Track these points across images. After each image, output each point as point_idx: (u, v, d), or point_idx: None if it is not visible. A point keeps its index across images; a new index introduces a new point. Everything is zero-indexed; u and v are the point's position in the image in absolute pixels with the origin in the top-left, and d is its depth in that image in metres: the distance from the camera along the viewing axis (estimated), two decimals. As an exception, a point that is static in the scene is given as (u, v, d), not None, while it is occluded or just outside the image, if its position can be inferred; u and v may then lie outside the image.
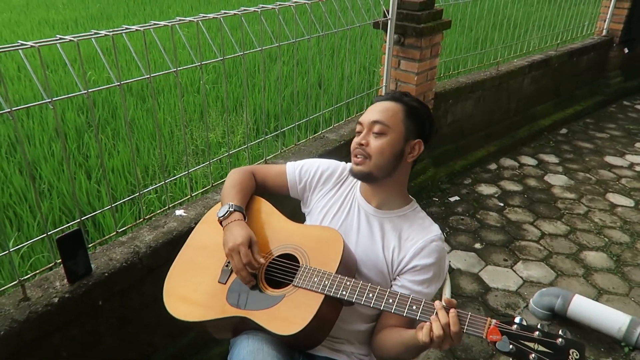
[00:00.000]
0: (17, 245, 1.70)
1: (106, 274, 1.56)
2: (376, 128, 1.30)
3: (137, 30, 1.55)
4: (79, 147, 3.53)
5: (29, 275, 1.52)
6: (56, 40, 1.38)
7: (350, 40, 2.77)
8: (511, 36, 4.48)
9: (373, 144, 1.30)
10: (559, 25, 4.70)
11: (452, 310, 1.06)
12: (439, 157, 3.52)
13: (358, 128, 1.35)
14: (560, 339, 0.98)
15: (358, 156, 1.32)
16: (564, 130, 4.51)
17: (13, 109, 1.30)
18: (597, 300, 2.41)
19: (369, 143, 1.31)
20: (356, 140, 1.33)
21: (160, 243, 1.71)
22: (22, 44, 1.31)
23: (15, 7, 8.88)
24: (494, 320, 1.04)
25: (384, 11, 2.72)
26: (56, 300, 1.44)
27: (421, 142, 1.35)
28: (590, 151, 4.11)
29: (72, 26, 7.28)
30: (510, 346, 1.00)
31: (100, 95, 4.29)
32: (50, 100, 1.37)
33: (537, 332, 1.00)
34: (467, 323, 1.05)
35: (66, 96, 1.51)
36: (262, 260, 1.28)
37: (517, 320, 1.03)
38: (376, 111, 1.32)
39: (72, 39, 1.39)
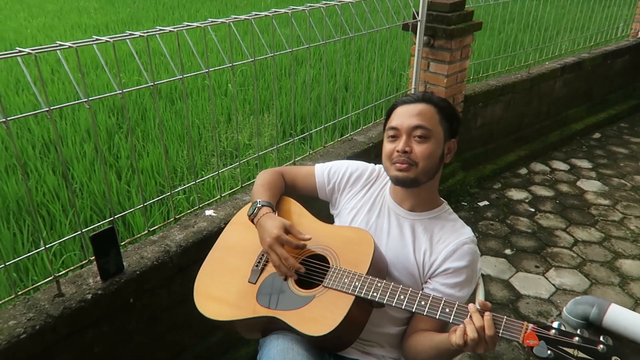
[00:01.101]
0: (50, 243, 1.74)
1: (137, 272, 1.58)
2: (418, 132, 1.26)
3: (170, 31, 1.57)
4: (109, 147, 3.60)
5: (63, 272, 1.55)
6: (92, 41, 1.41)
7: (378, 43, 2.75)
8: (542, 39, 4.39)
9: (418, 149, 1.26)
10: (592, 27, 4.58)
11: (487, 313, 1.03)
12: (468, 161, 3.46)
13: (392, 133, 1.30)
14: (601, 345, 0.94)
15: (402, 163, 1.27)
16: (597, 135, 4.39)
17: (51, 108, 1.32)
18: (633, 310, 2.32)
19: (413, 149, 1.27)
20: (396, 147, 1.28)
21: (190, 242, 1.72)
22: (60, 45, 1.33)
23: (49, 12, 9.15)
24: (530, 325, 1.00)
25: (414, 13, 2.69)
26: (89, 296, 1.46)
27: (455, 141, 1.35)
28: (625, 156, 3.99)
29: (104, 30, 7.45)
30: (549, 352, 0.96)
31: (130, 97, 4.37)
32: (86, 100, 1.40)
33: (576, 338, 0.96)
34: (502, 327, 1.02)
35: (101, 96, 1.54)
36: (307, 237, 1.27)
37: (555, 325, 0.99)
38: (414, 115, 1.28)
39: (108, 40, 1.42)
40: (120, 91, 1.49)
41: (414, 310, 1.11)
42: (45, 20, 8.23)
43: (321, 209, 1.54)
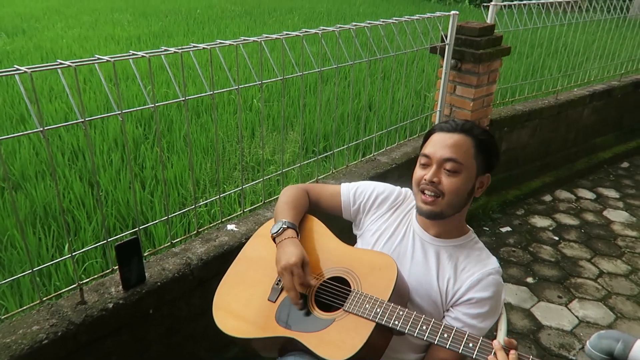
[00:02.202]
0: (75, 251, 1.77)
1: (158, 283, 1.59)
2: (449, 166, 1.23)
3: (204, 48, 1.61)
4: (135, 157, 3.66)
5: (85, 280, 1.58)
6: (129, 55, 1.45)
7: (404, 63, 2.76)
8: (571, 65, 4.34)
9: (446, 182, 1.24)
10: (622, 54, 4.52)
11: (512, 352, 1.01)
12: (492, 185, 3.37)
13: (424, 161, 1.28)
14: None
15: (428, 193, 1.26)
16: (625, 164, 4.30)
17: (86, 119, 1.36)
18: (661, 348, 2.24)
19: (442, 181, 1.24)
20: (425, 176, 1.25)
21: (211, 256, 1.73)
22: (99, 58, 1.38)
23: (84, 23, 9.45)
24: None
25: (442, 36, 2.70)
26: (111, 305, 1.48)
27: (489, 176, 1.31)
28: (654, 187, 3.89)
29: (135, 42, 7.65)
30: None
31: (157, 109, 4.46)
32: (120, 112, 1.43)
33: None
34: None
35: (134, 109, 1.58)
36: (313, 282, 1.27)
37: None
38: (447, 147, 1.24)
39: (144, 55, 1.45)
40: (153, 105, 1.52)
41: (436, 342, 1.09)
42: (81, 31, 8.50)
43: (343, 227, 1.54)
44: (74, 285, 1.49)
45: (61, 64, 1.31)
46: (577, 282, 2.72)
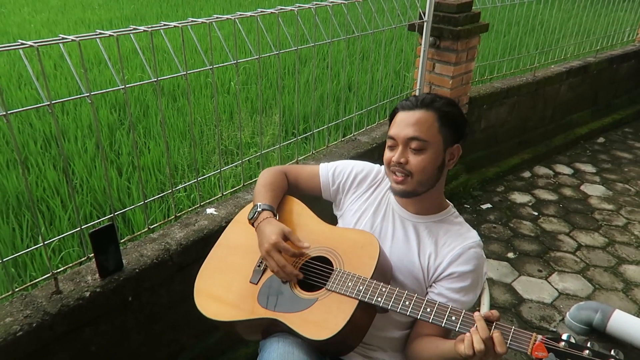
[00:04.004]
0: (50, 239, 1.72)
1: (137, 270, 1.55)
2: (414, 144, 1.21)
3: (175, 26, 1.55)
4: (111, 144, 3.58)
5: (60, 269, 1.53)
6: (96, 35, 1.39)
7: (382, 44, 2.73)
8: (548, 42, 4.36)
9: (413, 161, 1.22)
10: (598, 31, 4.56)
11: (495, 324, 1.01)
12: (471, 163, 3.44)
13: (390, 143, 1.26)
14: (613, 360, 0.92)
15: (398, 174, 1.24)
16: (601, 140, 4.37)
17: (52, 102, 1.30)
18: (637, 316, 2.30)
19: (409, 160, 1.22)
20: (392, 157, 1.24)
21: (191, 241, 1.70)
22: (63, 38, 1.31)
23: (53, 7, 9.13)
24: (539, 336, 0.98)
25: (420, 13, 2.67)
26: (87, 294, 1.44)
27: (459, 146, 1.29)
28: (630, 161, 3.96)
29: (107, 26, 7.44)
30: None
31: (132, 94, 4.35)
32: (88, 94, 1.37)
33: (587, 352, 0.94)
34: (510, 337, 1.00)
35: (103, 91, 1.52)
36: (306, 245, 1.25)
37: (564, 337, 0.97)
38: (410, 125, 1.22)
39: (112, 34, 1.39)
40: (123, 86, 1.46)
41: (419, 317, 1.09)
42: (49, 16, 8.21)
43: (324, 209, 1.52)
44: (48, 275, 1.44)
45: (23, 44, 1.25)
46: (557, 256, 2.77)
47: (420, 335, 1.26)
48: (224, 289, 1.31)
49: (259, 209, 1.33)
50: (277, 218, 1.35)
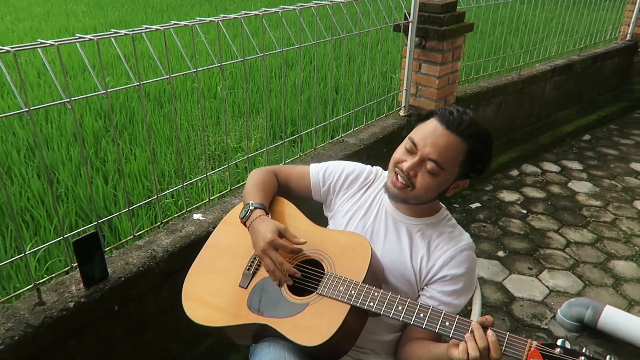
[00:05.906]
0: (32, 249, 1.67)
1: (122, 279, 1.52)
2: (429, 166, 1.17)
3: (157, 29, 1.52)
4: (96, 151, 3.52)
5: (44, 279, 1.49)
6: (76, 39, 1.36)
7: (369, 45, 2.72)
8: (532, 41, 4.40)
9: (421, 179, 1.19)
10: (581, 30, 4.61)
11: (489, 330, 0.99)
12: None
13: (409, 146, 1.21)
14: (608, 366, 0.91)
15: (400, 179, 1.21)
16: (587, 137, 4.40)
17: (31, 108, 1.27)
18: (628, 311, 2.31)
19: (417, 175, 1.20)
20: (404, 163, 1.20)
21: (177, 247, 1.67)
22: (42, 43, 1.28)
23: (36, 15, 9.03)
24: (534, 342, 0.97)
25: (405, 14, 2.67)
26: (72, 304, 1.40)
27: (467, 181, 1.26)
28: (616, 158, 4.00)
29: (91, 33, 7.37)
30: None
31: (118, 100, 4.30)
32: (69, 100, 1.34)
33: (582, 358, 0.93)
34: (505, 344, 0.99)
35: (85, 96, 1.49)
36: (303, 241, 1.22)
37: (559, 343, 0.96)
38: (437, 145, 1.16)
39: (92, 38, 1.37)
40: (105, 91, 1.43)
41: (412, 322, 1.07)
42: (32, 24, 8.11)
43: (314, 210, 1.50)
44: (31, 286, 1.40)
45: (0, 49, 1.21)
46: (546, 253, 2.77)
47: (412, 339, 1.24)
48: (212, 293, 1.29)
49: (251, 207, 1.30)
50: (270, 217, 1.32)
